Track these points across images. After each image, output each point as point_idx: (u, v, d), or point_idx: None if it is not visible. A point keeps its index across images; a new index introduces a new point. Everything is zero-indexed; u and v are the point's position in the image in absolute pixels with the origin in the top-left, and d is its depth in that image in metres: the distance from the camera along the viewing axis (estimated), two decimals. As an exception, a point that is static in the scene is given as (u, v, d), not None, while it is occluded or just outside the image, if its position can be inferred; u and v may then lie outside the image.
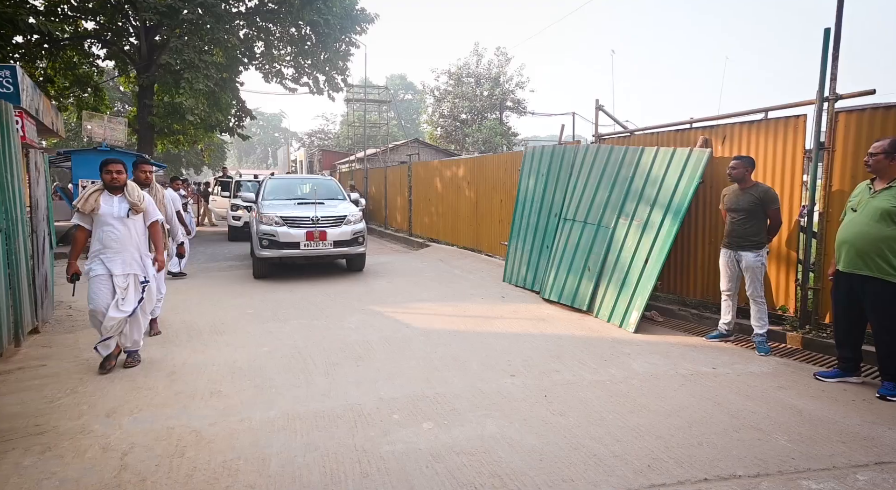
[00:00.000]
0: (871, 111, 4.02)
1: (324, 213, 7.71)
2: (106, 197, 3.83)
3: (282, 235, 7.39)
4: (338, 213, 7.89)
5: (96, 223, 3.80)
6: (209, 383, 3.80)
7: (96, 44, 15.94)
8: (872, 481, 2.48)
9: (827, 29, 4.13)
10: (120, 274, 3.82)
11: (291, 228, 7.45)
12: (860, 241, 3.47)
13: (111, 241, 3.81)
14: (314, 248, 7.48)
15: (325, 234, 7.51)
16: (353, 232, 7.79)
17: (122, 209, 3.84)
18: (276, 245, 7.41)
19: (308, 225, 7.53)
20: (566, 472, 2.61)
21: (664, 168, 5.29)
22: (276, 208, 7.86)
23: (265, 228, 7.47)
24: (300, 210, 7.77)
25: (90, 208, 3.75)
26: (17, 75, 7.09)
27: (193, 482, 2.54)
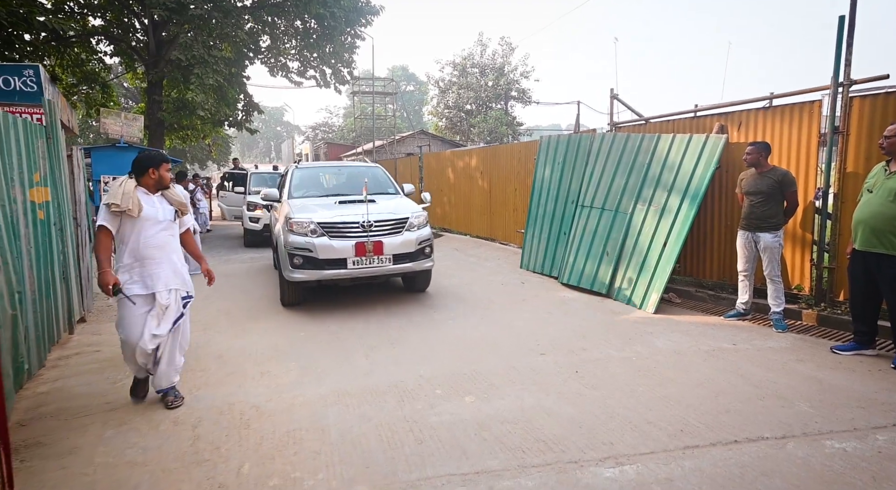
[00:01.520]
0: (885, 96, 4.18)
1: (378, 216, 5.39)
2: (143, 196, 3.13)
3: (321, 250, 5.15)
4: (396, 214, 5.56)
5: (130, 228, 3.07)
6: (256, 365, 4.03)
7: (104, 40, 16.08)
8: (892, 440, 2.69)
9: (841, 16, 4.27)
10: (163, 289, 3.14)
11: (335, 240, 5.21)
12: (875, 221, 3.64)
13: (153, 249, 3.11)
14: (366, 265, 5.26)
15: (380, 246, 5.24)
16: (419, 240, 5.51)
17: (166, 211, 3.22)
18: (313, 263, 5.19)
19: (357, 233, 5.26)
20: (605, 436, 2.83)
21: (681, 154, 5.46)
22: (311, 210, 5.55)
23: (297, 241, 5.22)
24: (343, 212, 5.47)
25: (137, 208, 3.03)
26: (41, 74, 7.28)
27: (263, 449, 2.77)
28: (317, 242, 5.20)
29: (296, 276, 5.25)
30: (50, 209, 4.11)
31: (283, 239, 5.42)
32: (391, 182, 6.93)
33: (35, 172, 3.71)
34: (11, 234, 3.19)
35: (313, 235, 5.25)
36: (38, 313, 3.71)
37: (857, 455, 2.56)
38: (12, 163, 3.28)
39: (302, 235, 5.27)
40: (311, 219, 5.33)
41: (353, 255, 5.20)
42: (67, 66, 15.91)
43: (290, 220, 5.37)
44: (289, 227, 5.36)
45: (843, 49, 4.31)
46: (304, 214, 5.43)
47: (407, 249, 5.45)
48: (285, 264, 5.35)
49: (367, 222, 5.27)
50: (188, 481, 2.49)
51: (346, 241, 5.24)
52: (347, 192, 6.37)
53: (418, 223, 5.64)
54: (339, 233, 5.27)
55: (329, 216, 5.38)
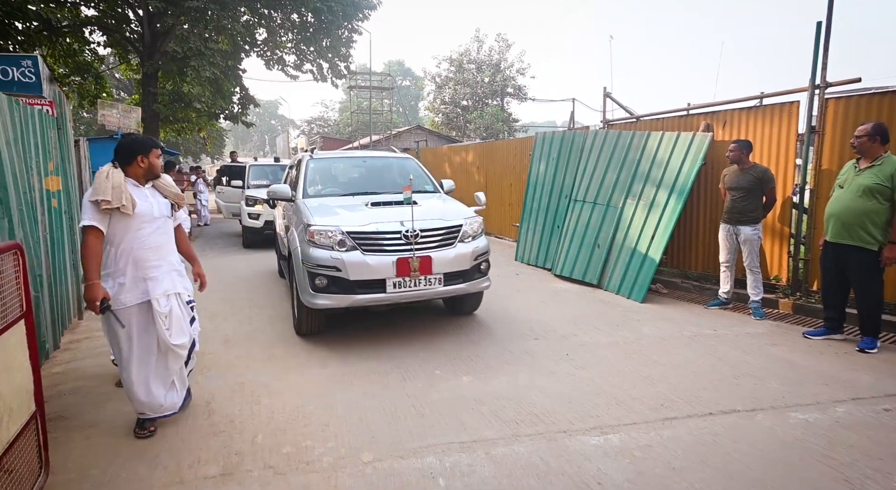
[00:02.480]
0: (858, 98, 4.44)
1: (424, 223, 4.17)
2: (133, 188, 2.69)
3: (353, 268, 3.94)
4: (446, 220, 4.33)
5: (121, 227, 2.63)
6: (264, 348, 4.23)
7: (97, 31, 16.04)
8: (849, 411, 2.96)
9: (819, 22, 4.52)
10: (161, 294, 2.73)
11: (370, 255, 4.00)
12: (846, 215, 3.90)
13: (149, 252, 2.70)
14: (410, 288, 4.05)
15: (429, 263, 4.06)
16: (475, 254, 4.32)
17: (161, 206, 2.80)
18: (341, 286, 3.98)
19: (398, 246, 4.06)
20: (592, 410, 3.06)
21: (669, 151, 5.70)
22: (336, 215, 4.34)
23: (320, 256, 4.00)
24: (378, 217, 4.23)
25: (130, 205, 2.59)
26: (39, 65, 7.36)
27: (275, 422, 2.98)
28: (347, 259, 3.91)
29: (319, 303, 3.96)
30: (61, 198, 4.27)
31: (301, 252, 4.15)
32: (429, 177, 5.53)
33: (49, 161, 3.87)
34: (32, 219, 3.35)
35: (341, 249, 3.97)
36: (53, 298, 3.89)
37: (817, 424, 2.82)
38: (31, 152, 3.44)
39: (326, 249, 4.00)
40: (337, 227, 4.05)
41: (393, 274, 3.95)
42: (59, 56, 15.85)
43: (311, 229, 4.08)
44: (308, 238, 4.07)
45: (820, 53, 4.57)
46: (328, 221, 4.15)
47: (461, 266, 4.19)
48: (304, 286, 4.07)
49: (411, 232, 4.01)
50: (206, 450, 2.70)
51: (385, 256, 3.97)
52: (375, 190, 5.10)
53: (473, 232, 4.37)
54: (376, 246, 4.01)
55: (361, 223, 4.10)
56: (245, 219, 9.77)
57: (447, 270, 4.16)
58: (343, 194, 5.03)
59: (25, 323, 2.12)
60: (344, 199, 4.83)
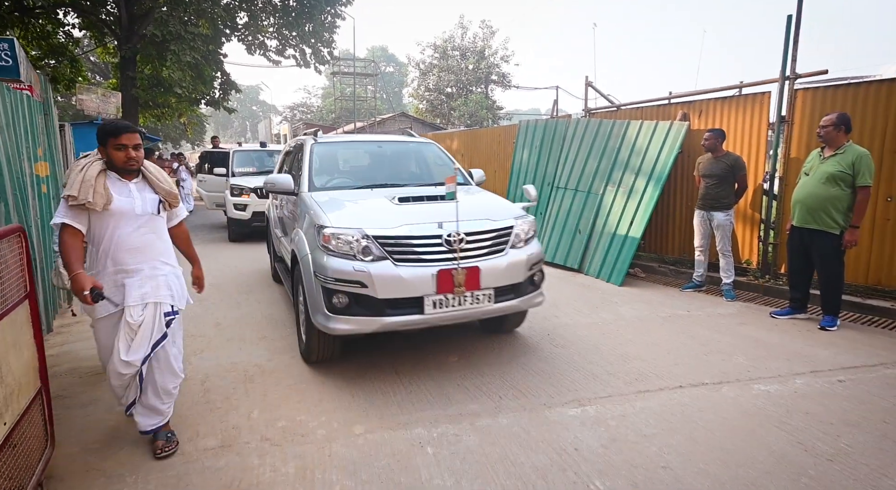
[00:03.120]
0: (824, 89, 4.66)
1: (469, 224, 3.37)
2: (115, 182, 2.40)
3: (383, 283, 3.14)
4: (494, 220, 3.53)
5: (100, 225, 2.37)
6: (254, 331, 4.34)
7: (71, 13, 15.60)
8: (807, 383, 3.20)
9: (789, 16, 4.71)
10: (136, 303, 2.40)
11: (404, 266, 3.20)
12: (810, 200, 4.13)
13: (130, 253, 2.40)
14: (453, 307, 3.25)
15: (476, 276, 3.26)
16: (530, 262, 3.52)
17: (147, 202, 2.46)
18: (367, 305, 3.18)
19: (438, 253, 3.25)
20: (571, 385, 3.25)
21: (648, 140, 5.88)
22: (356, 213, 3.57)
23: (339, 267, 3.18)
24: (411, 217, 3.43)
25: (101, 202, 2.28)
26: (16, 48, 7.19)
27: (269, 399, 3.11)
28: (374, 271, 3.08)
29: (338, 328, 3.12)
30: (50, 183, 4.28)
31: (313, 261, 3.30)
32: (456, 164, 4.61)
33: (38, 147, 3.88)
34: (25, 204, 3.39)
35: (366, 258, 3.14)
36: (45, 282, 3.93)
37: (777, 394, 3.05)
38: (21, 138, 3.46)
39: (347, 258, 3.16)
40: (360, 229, 3.20)
41: (433, 290, 3.12)
42: (32, 38, 15.40)
43: (326, 232, 3.25)
44: (322, 243, 3.25)
45: (790, 46, 4.76)
46: (347, 221, 3.31)
47: (513, 278, 3.39)
48: (317, 304, 3.22)
49: (454, 236, 3.19)
50: (204, 424, 2.82)
51: (423, 267, 3.14)
52: (396, 181, 4.27)
53: (525, 235, 3.58)
54: (411, 254, 3.18)
55: (391, 225, 3.26)
56: (230, 210, 8.81)
57: (498, 284, 3.31)
58: (358, 187, 4.13)
59: (29, 303, 2.20)
60: (360, 193, 3.96)
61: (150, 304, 2.45)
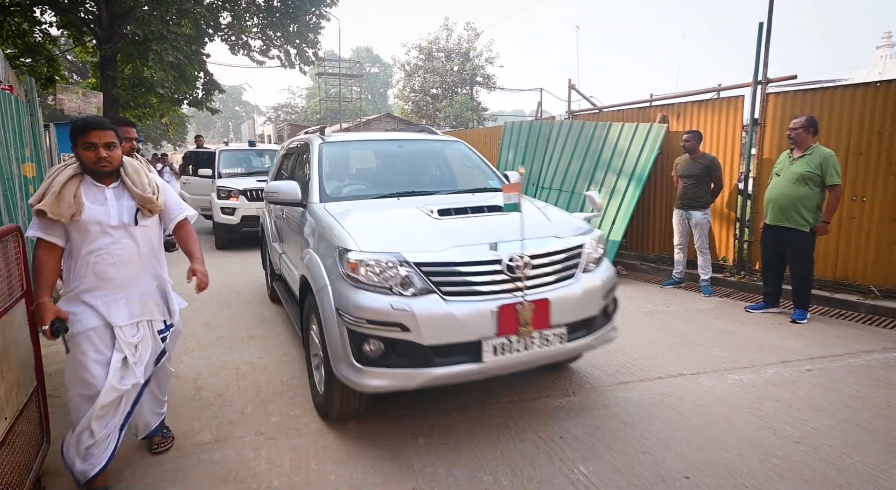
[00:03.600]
0: (794, 93, 4.88)
1: (534, 244, 2.64)
2: (90, 188, 2.11)
3: (430, 325, 2.39)
4: (561, 238, 2.83)
5: (77, 236, 2.09)
6: (245, 330, 4.38)
7: (48, 11, 15.33)
8: (777, 372, 3.38)
9: (761, 23, 4.92)
10: (127, 323, 2.17)
11: (455, 301, 2.44)
12: (782, 200, 4.32)
13: (110, 266, 2.12)
14: (518, 350, 2.52)
15: (546, 310, 2.53)
16: (605, 289, 2.87)
17: (124, 210, 2.15)
18: (409, 354, 2.43)
19: (497, 283, 2.52)
20: (557, 380, 3.38)
21: (628, 141, 6.06)
22: (388, 231, 2.80)
23: (372, 305, 2.42)
24: (461, 236, 2.67)
25: (68, 212, 2.01)
26: (-6, 47, 7.11)
27: (261, 395, 3.17)
28: (419, 309, 2.39)
29: (371, 384, 2.42)
30: (36, 184, 4.27)
31: (333, 295, 2.57)
32: (491, 169, 4.00)
33: (25, 148, 3.88)
34: (15, 206, 3.40)
35: (407, 292, 2.44)
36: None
37: (749, 383, 3.22)
38: (9, 139, 3.47)
39: (381, 292, 2.45)
40: (399, 255, 2.50)
41: (493, 332, 2.44)
42: (7, 36, 15.10)
43: (352, 258, 2.52)
44: (347, 272, 2.52)
45: (762, 52, 4.97)
46: (379, 243, 2.58)
47: (588, 311, 2.72)
48: (341, 352, 2.49)
49: (517, 259, 2.50)
50: (198, 420, 2.87)
51: (480, 302, 2.46)
52: (426, 188, 3.60)
53: (597, 254, 2.93)
54: (464, 285, 2.49)
55: (436, 246, 2.55)
56: (217, 214, 8.14)
57: (570, 319, 2.61)
58: (380, 196, 3.37)
59: (25, 302, 2.24)
60: (385, 204, 3.21)
61: (144, 321, 2.24)
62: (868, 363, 3.52)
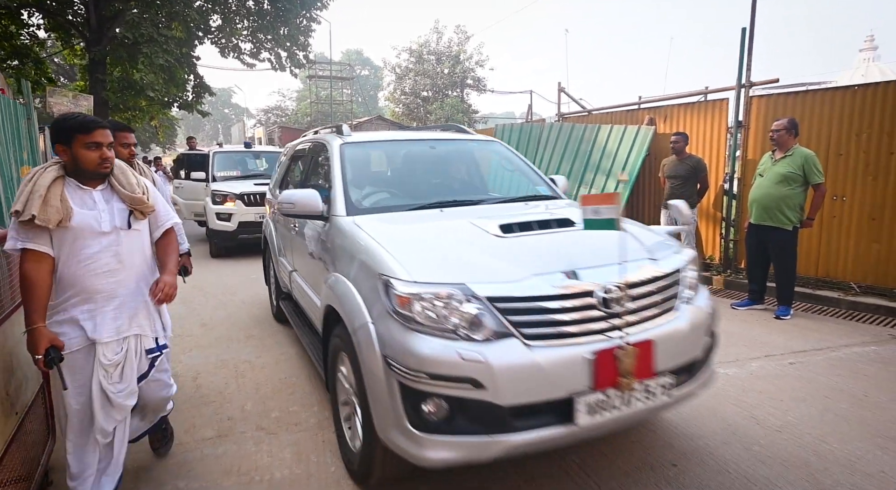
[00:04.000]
0: (776, 96, 5.05)
1: (635, 271, 2.06)
2: (75, 191, 1.93)
3: (509, 379, 1.79)
4: (654, 262, 2.21)
5: (65, 245, 1.90)
6: (241, 330, 4.43)
7: (36, 14, 15.24)
8: (761, 366, 3.51)
9: (743, 28, 5.08)
10: (112, 339, 1.97)
11: (540, 345, 1.85)
12: (765, 200, 4.46)
13: (97, 276, 1.95)
14: (619, 407, 1.92)
15: (649, 353, 1.92)
16: (711, 321, 2.30)
17: (116, 214, 1.99)
18: (481, 416, 1.83)
19: (587, 319, 1.93)
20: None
21: (617, 143, 6.20)
22: (442, 256, 2.16)
23: (434, 353, 1.82)
24: (528, 257, 2.10)
25: (56, 217, 1.82)
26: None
27: (261, 393, 3.23)
28: (495, 359, 1.82)
29: (432, 457, 1.88)
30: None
31: (378, 338, 2.00)
32: (536, 172, 3.45)
33: (23, 151, 3.92)
34: (13, 208, 3.44)
35: (477, 335, 1.87)
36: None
37: (735, 376, 3.34)
38: (9, 142, 3.51)
39: (443, 336, 1.88)
40: (465, 286, 1.93)
41: (587, 385, 1.89)
42: (-7, 39, 14.98)
43: (401, 291, 1.96)
44: (397, 309, 1.96)
45: (745, 56, 5.13)
46: (438, 272, 2.03)
47: (692, 351, 2.19)
48: (390, 412, 1.95)
49: (614, 291, 1.98)
50: (199, 416, 2.93)
51: (570, 347, 1.90)
52: (466, 196, 3.09)
53: (694, 279, 2.38)
54: (549, 324, 1.93)
55: (511, 275, 2.01)
56: (212, 220, 7.63)
57: (675, 364, 2.07)
58: (418, 206, 2.82)
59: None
60: (426, 217, 2.69)
61: (131, 337, 2.01)
62: (847, 356, 3.66)
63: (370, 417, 2.05)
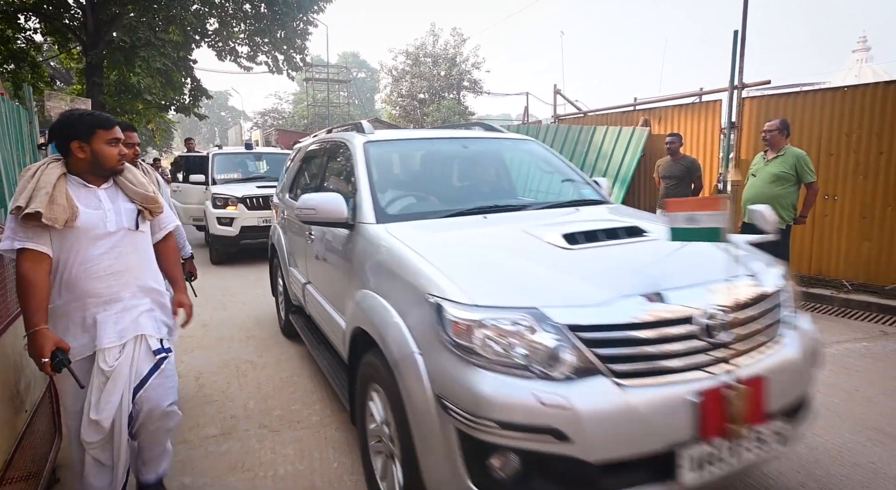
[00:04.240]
0: (768, 98, 5.14)
1: (724, 291, 1.65)
2: (79, 189, 1.84)
3: (599, 428, 1.44)
4: (753, 279, 1.84)
5: (62, 246, 1.79)
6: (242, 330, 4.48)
7: (32, 17, 15.26)
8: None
9: (735, 31, 5.16)
10: (113, 344, 1.85)
11: (633, 384, 1.50)
12: (759, 199, 4.52)
13: (102, 281, 1.85)
14: (725, 461, 1.56)
15: (760, 391, 1.56)
16: (817, 353, 1.91)
17: (123, 213, 1.91)
18: (565, 474, 1.48)
19: (689, 350, 1.57)
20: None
21: (613, 144, 6.28)
22: (503, 273, 1.80)
23: (504, 398, 1.46)
24: (605, 274, 1.76)
25: (63, 217, 1.73)
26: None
27: (263, 391, 3.28)
28: (582, 404, 1.45)
29: None
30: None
31: (427, 373, 1.64)
32: (579, 174, 3.14)
33: (26, 154, 3.96)
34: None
35: (555, 372, 1.49)
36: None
37: (728, 371, 3.40)
38: (13, 146, 3.55)
39: (513, 373, 1.51)
40: (537, 311, 1.57)
41: (692, 434, 1.52)
42: (-11, 44, 14.98)
43: (456, 315, 1.61)
44: (454, 338, 1.59)
45: (737, 58, 5.22)
46: (503, 294, 1.66)
47: (803, 385, 1.84)
48: (447, 467, 1.59)
49: (718, 316, 1.61)
50: (203, 415, 2.97)
51: (669, 386, 1.52)
52: (508, 201, 2.80)
53: (791, 296, 2.03)
54: (643, 358, 1.55)
55: (593, 296, 1.63)
56: (213, 225, 7.25)
57: (785, 403, 1.74)
58: (456, 213, 2.49)
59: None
60: (469, 224, 2.39)
61: (130, 341, 1.87)
62: (839, 353, 3.73)
63: (417, 470, 1.68)
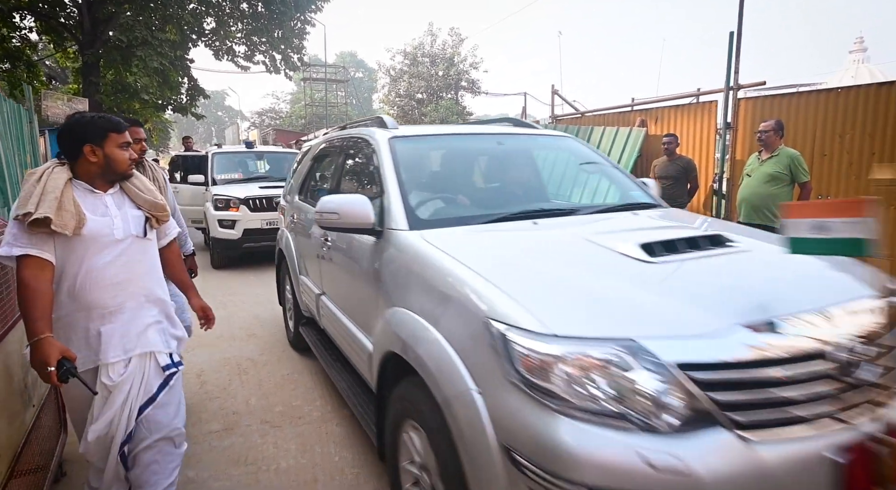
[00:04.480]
0: (763, 98, 5.20)
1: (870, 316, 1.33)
2: (85, 195, 1.75)
3: None
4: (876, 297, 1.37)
5: (66, 254, 1.70)
6: (242, 329, 4.51)
7: (28, 16, 15.23)
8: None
9: (731, 32, 5.22)
10: (118, 358, 1.75)
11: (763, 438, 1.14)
12: (754, 199, 4.59)
13: (108, 291, 1.75)
14: None
15: None
16: None
17: (130, 221, 1.82)
18: None
19: (822, 393, 1.22)
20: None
21: (610, 145, 6.34)
22: (583, 295, 1.42)
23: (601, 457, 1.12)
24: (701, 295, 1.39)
25: (72, 223, 1.64)
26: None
27: (265, 388, 3.32)
28: (699, 463, 1.10)
29: None
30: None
31: (492, 418, 1.32)
32: (625, 174, 2.85)
33: (26, 154, 3.98)
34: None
35: (661, 422, 1.16)
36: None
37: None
38: (14, 145, 3.57)
39: (606, 423, 1.18)
40: (633, 344, 1.23)
41: None
42: (-16, 43, 14.93)
43: (529, 347, 1.27)
44: (527, 376, 1.26)
45: (733, 59, 5.28)
46: (587, 322, 1.32)
47: None
48: None
49: (858, 350, 1.27)
50: (205, 411, 3.01)
51: (803, 439, 1.17)
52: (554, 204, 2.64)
53: None
54: (770, 404, 1.20)
55: (701, 324, 1.29)
56: (214, 228, 6.94)
57: None
58: (500, 218, 2.16)
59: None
60: (517, 230, 2.07)
61: (136, 357, 1.77)
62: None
63: None
